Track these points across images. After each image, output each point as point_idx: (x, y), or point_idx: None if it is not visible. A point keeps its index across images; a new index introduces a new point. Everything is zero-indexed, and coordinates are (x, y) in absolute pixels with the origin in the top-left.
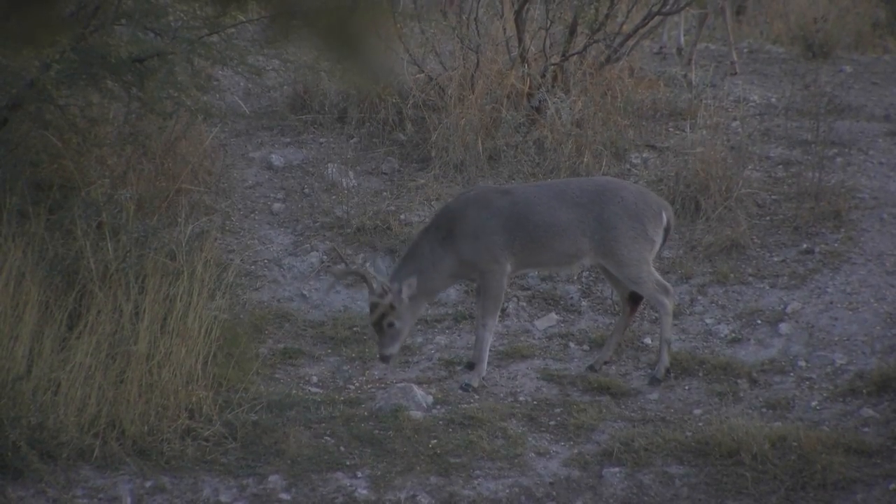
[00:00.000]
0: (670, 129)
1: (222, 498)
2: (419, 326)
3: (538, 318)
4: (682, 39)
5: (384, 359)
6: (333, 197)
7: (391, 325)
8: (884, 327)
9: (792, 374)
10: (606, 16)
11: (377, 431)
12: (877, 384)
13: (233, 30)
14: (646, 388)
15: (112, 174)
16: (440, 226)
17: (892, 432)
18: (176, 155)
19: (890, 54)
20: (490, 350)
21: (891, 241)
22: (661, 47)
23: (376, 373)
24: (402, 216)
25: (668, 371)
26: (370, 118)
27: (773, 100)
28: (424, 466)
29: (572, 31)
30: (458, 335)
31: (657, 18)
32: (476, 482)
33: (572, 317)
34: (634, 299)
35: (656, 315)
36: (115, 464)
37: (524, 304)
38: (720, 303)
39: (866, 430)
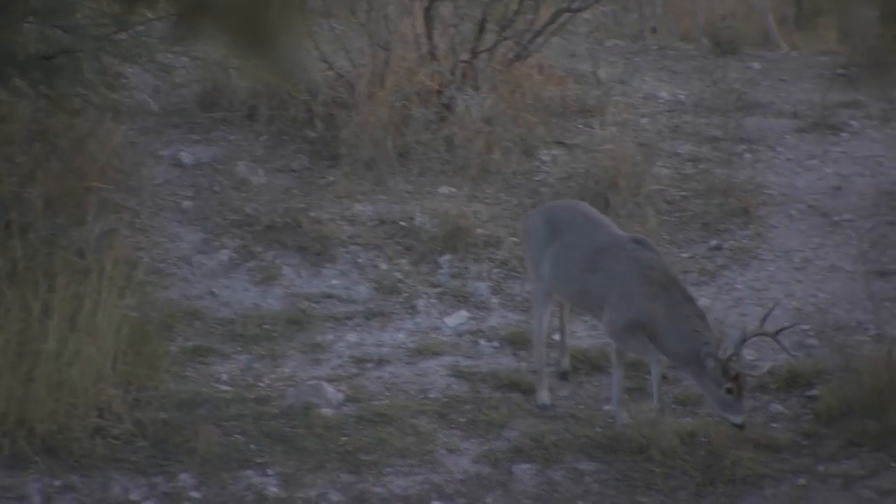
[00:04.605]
0: (580, 126)
1: (132, 496)
2: (329, 324)
3: (448, 315)
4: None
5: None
6: (243, 194)
7: None
8: (792, 323)
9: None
10: (516, 13)
11: (287, 429)
12: (785, 380)
13: (141, 27)
14: (556, 384)
15: (20, 172)
16: None
17: (801, 428)
18: (85, 153)
19: (798, 51)
20: (400, 347)
21: (799, 237)
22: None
23: (286, 370)
24: (313, 214)
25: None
26: (280, 115)
27: (682, 96)
28: (335, 464)
29: (482, 29)
30: (369, 333)
31: (566, 15)
32: (387, 479)
33: (483, 314)
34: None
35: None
36: (24, 463)
37: (434, 300)
38: None
39: (775, 425)
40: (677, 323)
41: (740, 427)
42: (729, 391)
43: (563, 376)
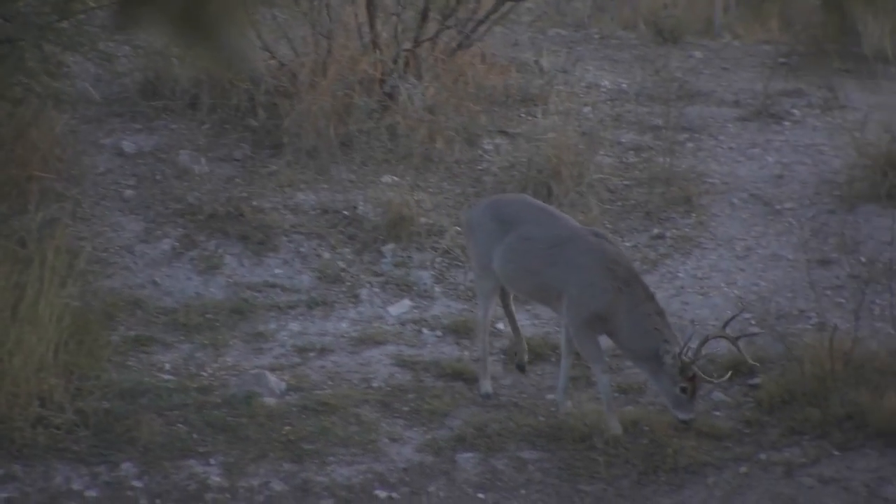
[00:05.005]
0: (522, 115)
1: (74, 486)
2: (271, 313)
3: (391, 304)
4: None
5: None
6: (185, 183)
7: None
8: (734, 312)
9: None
10: (458, 2)
11: (230, 418)
12: (727, 368)
13: (83, 16)
14: (499, 373)
15: None
16: None
17: (743, 416)
18: (26, 142)
19: (740, 40)
20: (342, 336)
21: (741, 225)
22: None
23: (229, 359)
24: (255, 203)
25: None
26: (222, 104)
27: (624, 85)
28: (278, 453)
29: (424, 17)
30: (312, 322)
31: (508, 4)
32: (330, 468)
33: (426, 303)
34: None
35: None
36: None
37: (377, 290)
38: None
39: (717, 413)
40: (637, 320)
41: (686, 424)
42: (683, 390)
43: (521, 368)
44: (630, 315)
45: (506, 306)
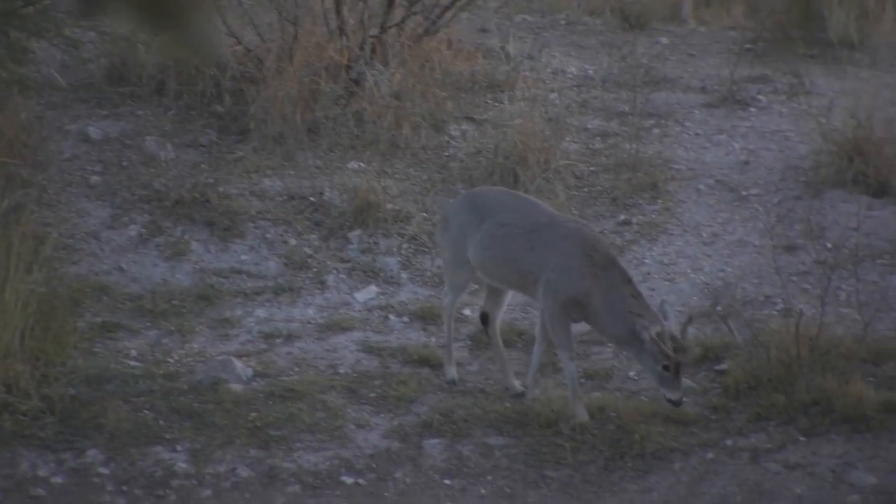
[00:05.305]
0: (489, 102)
1: (40, 472)
2: (238, 299)
3: (358, 290)
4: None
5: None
6: (151, 169)
7: None
8: (700, 298)
9: (610, 344)
10: None
11: (197, 405)
12: (694, 354)
13: (48, 1)
14: (465, 359)
15: None
16: None
17: (709, 402)
18: None
19: (706, 26)
20: (309, 323)
21: (707, 211)
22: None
23: (195, 346)
24: (221, 189)
25: None
26: (188, 90)
27: (591, 72)
28: (244, 439)
29: (390, 3)
30: (278, 308)
31: None
32: (296, 455)
33: (392, 289)
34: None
35: (476, 288)
36: None
37: (344, 276)
38: None
39: (684, 399)
40: (614, 304)
41: (675, 404)
42: (666, 368)
43: (520, 394)
44: (607, 299)
45: (492, 334)
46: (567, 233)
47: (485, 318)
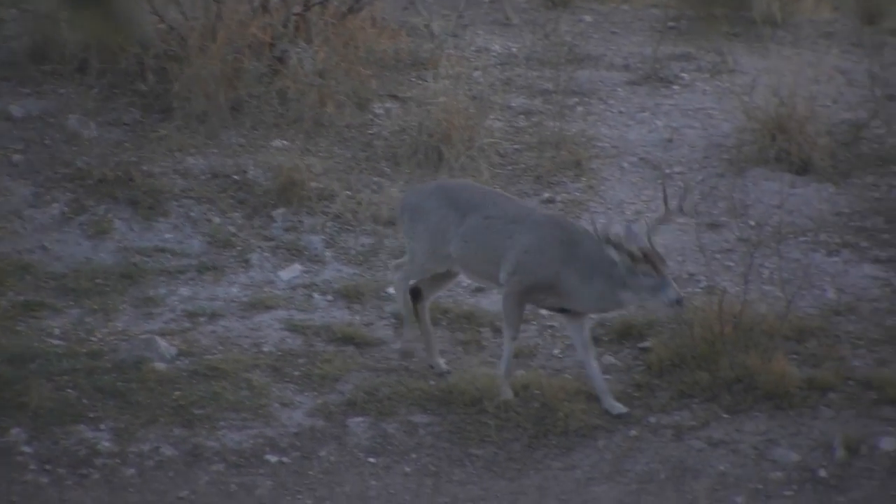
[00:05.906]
0: (413, 80)
1: None
2: (161, 278)
3: (282, 268)
4: None
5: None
6: (74, 148)
7: None
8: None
9: (535, 322)
10: None
11: (120, 384)
12: (618, 332)
13: None
14: (389, 336)
15: None
16: None
17: (633, 379)
18: None
19: (629, 4)
20: (233, 301)
21: (630, 189)
22: None
23: (119, 324)
24: (145, 167)
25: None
26: (111, 68)
27: (514, 49)
28: (168, 418)
29: None
30: (202, 286)
31: None
32: (220, 433)
33: (316, 267)
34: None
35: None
36: None
37: (268, 254)
38: None
39: (608, 377)
40: (586, 271)
41: (678, 304)
42: (645, 273)
43: (440, 371)
44: (580, 279)
45: (421, 311)
46: (544, 220)
47: (416, 294)
